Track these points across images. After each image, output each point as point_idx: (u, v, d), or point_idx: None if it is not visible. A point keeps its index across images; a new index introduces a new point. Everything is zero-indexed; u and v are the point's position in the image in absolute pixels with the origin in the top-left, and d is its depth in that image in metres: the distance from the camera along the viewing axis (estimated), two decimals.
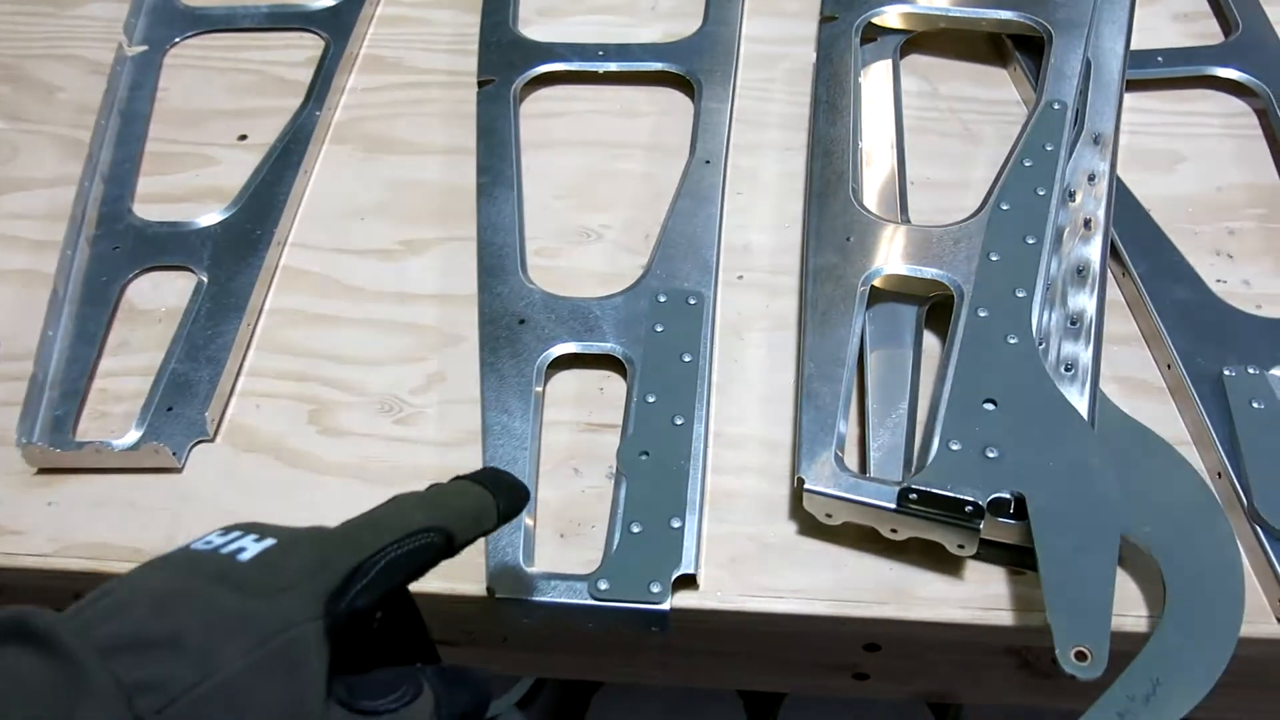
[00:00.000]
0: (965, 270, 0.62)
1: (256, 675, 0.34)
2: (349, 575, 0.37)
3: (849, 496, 0.53)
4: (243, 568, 0.36)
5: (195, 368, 0.65)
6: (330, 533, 0.40)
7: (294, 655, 0.35)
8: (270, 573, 0.36)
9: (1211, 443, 0.57)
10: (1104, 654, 0.46)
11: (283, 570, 0.36)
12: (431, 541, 0.40)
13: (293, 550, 0.38)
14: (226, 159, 0.78)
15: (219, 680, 0.33)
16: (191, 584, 0.35)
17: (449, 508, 0.42)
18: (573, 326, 0.64)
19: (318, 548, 0.38)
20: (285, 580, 0.36)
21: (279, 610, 0.35)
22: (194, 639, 0.33)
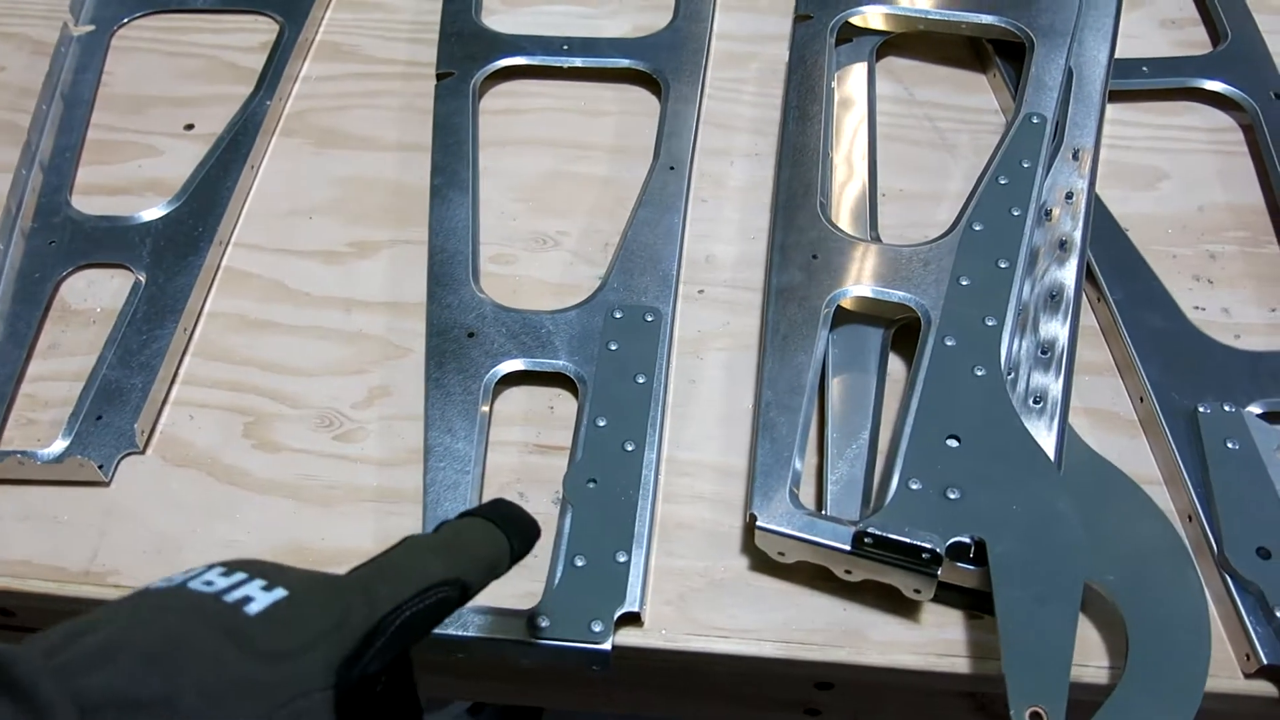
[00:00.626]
0: (934, 294, 0.59)
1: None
2: (366, 637, 0.34)
3: (802, 536, 0.51)
4: (251, 623, 0.33)
5: (128, 374, 0.62)
6: (343, 584, 0.36)
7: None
8: (281, 632, 0.33)
9: (1183, 483, 0.55)
10: (1060, 715, 0.44)
11: (295, 630, 0.33)
12: (447, 596, 0.38)
13: (305, 606, 0.34)
14: (171, 149, 0.75)
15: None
16: (194, 635, 0.32)
17: (466, 555, 0.39)
18: (524, 341, 0.61)
19: (332, 604, 0.35)
20: (297, 642, 0.33)
21: (288, 678, 0.32)
22: (190, 703, 0.30)
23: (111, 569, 0.56)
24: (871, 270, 0.61)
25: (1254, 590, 0.51)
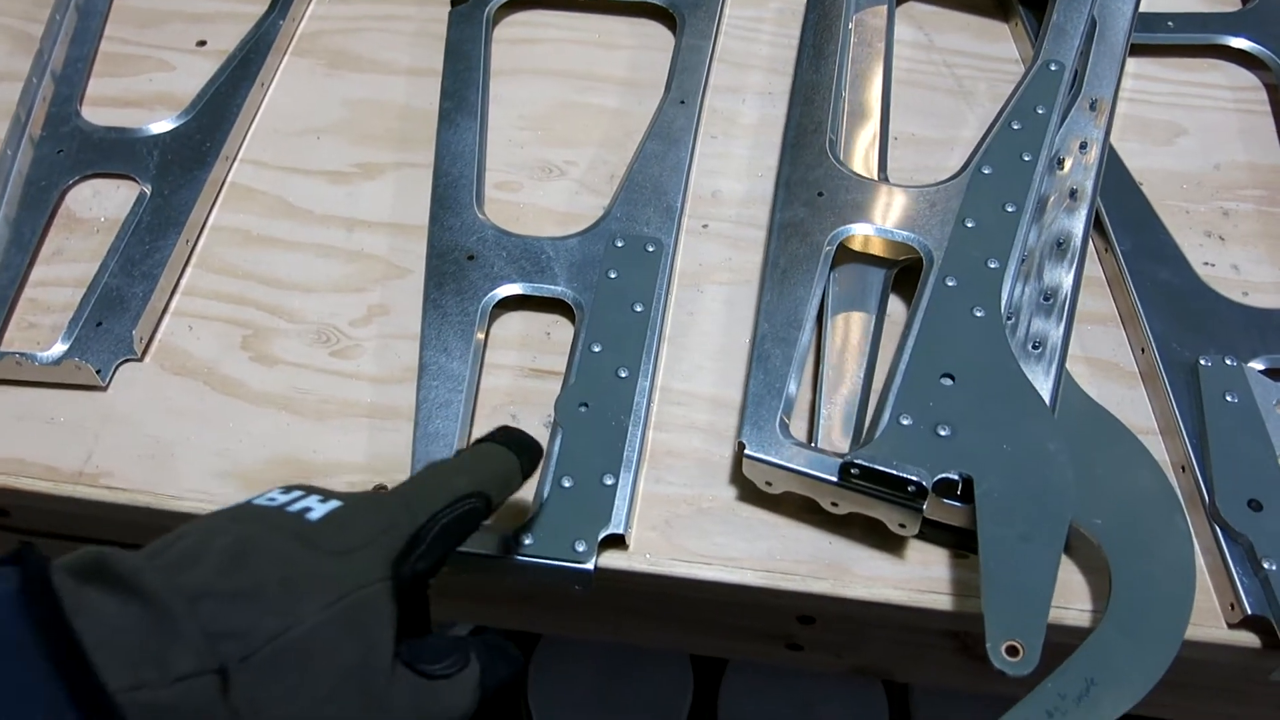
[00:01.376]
0: (938, 235, 0.58)
1: (331, 631, 0.34)
2: (411, 539, 0.39)
3: (790, 466, 0.51)
4: (315, 526, 0.37)
5: (129, 283, 0.62)
6: (384, 499, 0.40)
7: (365, 614, 0.36)
8: (341, 532, 0.37)
9: (1179, 434, 0.55)
10: (1036, 651, 0.44)
11: (352, 531, 0.38)
12: (475, 507, 0.42)
13: (359, 512, 0.39)
14: (182, 65, 0.75)
15: (298, 633, 0.34)
16: (267, 538, 0.36)
17: (485, 473, 0.43)
18: (523, 266, 0.61)
19: (378, 513, 0.39)
20: (355, 540, 0.37)
21: (351, 569, 0.36)
22: (274, 592, 0.34)
23: (105, 471, 0.56)
24: (877, 209, 0.60)
25: (1243, 541, 0.50)
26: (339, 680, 0.35)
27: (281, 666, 0.33)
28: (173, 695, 0.31)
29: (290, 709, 0.33)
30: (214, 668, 0.32)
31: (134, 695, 0.30)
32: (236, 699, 0.32)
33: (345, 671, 0.35)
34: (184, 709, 0.31)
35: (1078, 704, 0.45)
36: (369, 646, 0.36)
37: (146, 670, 0.31)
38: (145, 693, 0.30)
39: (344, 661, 0.35)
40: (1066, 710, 0.44)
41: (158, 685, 0.31)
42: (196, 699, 0.31)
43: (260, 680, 0.33)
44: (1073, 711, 0.44)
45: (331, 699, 0.34)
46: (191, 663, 0.31)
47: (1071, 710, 0.44)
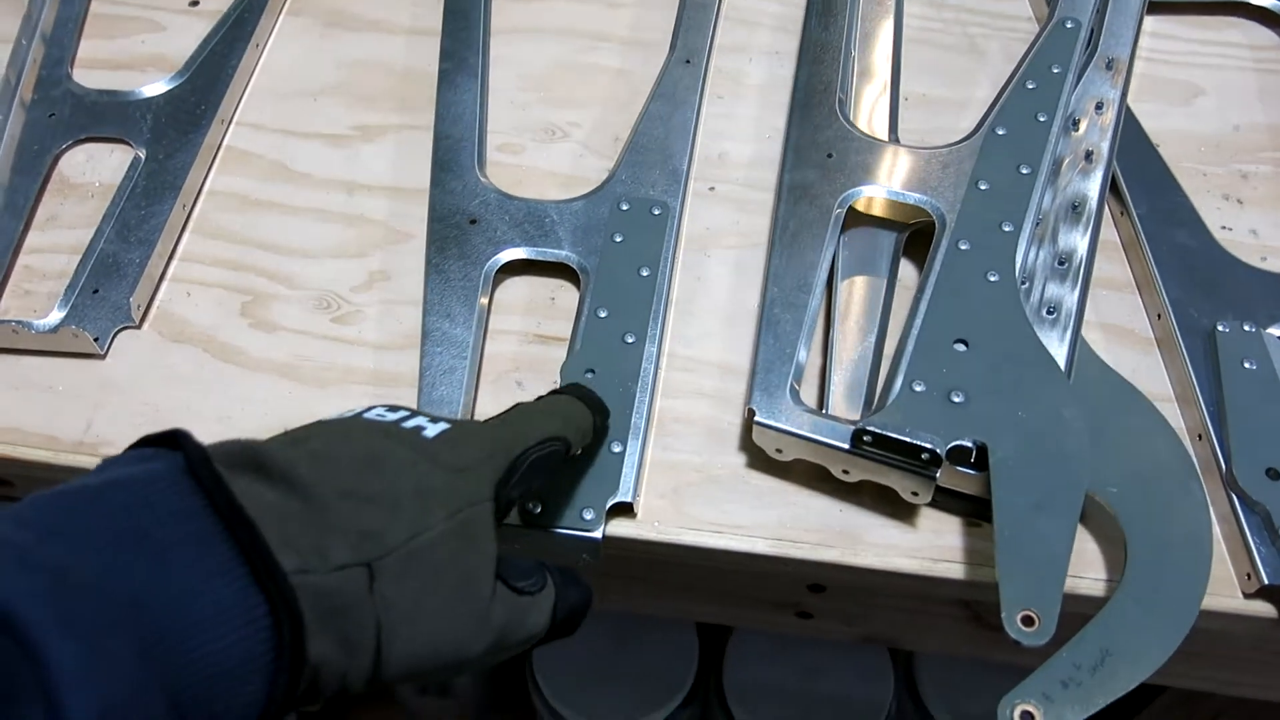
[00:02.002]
0: (951, 198, 0.57)
1: (452, 541, 0.37)
2: (511, 466, 0.41)
3: (800, 433, 0.50)
4: (432, 444, 0.39)
5: (126, 249, 0.61)
6: (487, 428, 0.43)
7: (475, 529, 0.38)
8: (455, 452, 0.39)
9: (1195, 401, 0.54)
10: (1052, 621, 0.43)
11: (464, 451, 0.40)
12: (557, 449, 0.44)
13: (466, 435, 0.41)
14: (175, 25, 0.73)
15: (424, 541, 0.36)
16: (394, 449, 0.38)
17: (567, 419, 0.46)
18: (526, 230, 0.60)
19: (482, 439, 0.41)
20: (468, 460, 0.39)
21: (466, 486, 0.38)
22: (406, 499, 0.36)
23: (105, 440, 0.55)
24: (888, 171, 0.59)
25: (1260, 510, 0.50)
26: (455, 588, 0.37)
27: (411, 569, 0.35)
28: (333, 582, 0.33)
29: (416, 611, 0.35)
30: (364, 561, 0.34)
31: (302, 578, 0.32)
32: (377, 594, 0.34)
33: (460, 580, 0.37)
34: (341, 595, 0.33)
35: (1093, 674, 0.44)
36: (479, 559, 0.38)
37: (311, 557, 0.33)
38: (311, 577, 0.32)
39: (460, 571, 0.37)
40: (1081, 680, 0.44)
41: (320, 571, 0.33)
42: (352, 588, 0.33)
43: (394, 580, 0.35)
44: (1088, 682, 0.44)
45: (448, 606, 0.36)
46: (346, 554, 0.34)
47: (1087, 681, 0.44)
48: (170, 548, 0.31)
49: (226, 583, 0.31)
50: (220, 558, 0.31)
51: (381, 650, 0.35)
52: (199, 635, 0.30)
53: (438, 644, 0.36)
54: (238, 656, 0.30)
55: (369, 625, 0.34)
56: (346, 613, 0.33)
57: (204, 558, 0.31)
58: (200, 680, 0.30)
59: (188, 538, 0.31)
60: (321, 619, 0.33)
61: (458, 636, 0.37)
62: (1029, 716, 0.43)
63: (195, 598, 0.30)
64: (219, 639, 0.30)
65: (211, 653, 0.30)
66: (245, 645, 0.31)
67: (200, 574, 0.31)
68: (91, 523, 0.31)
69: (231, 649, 0.30)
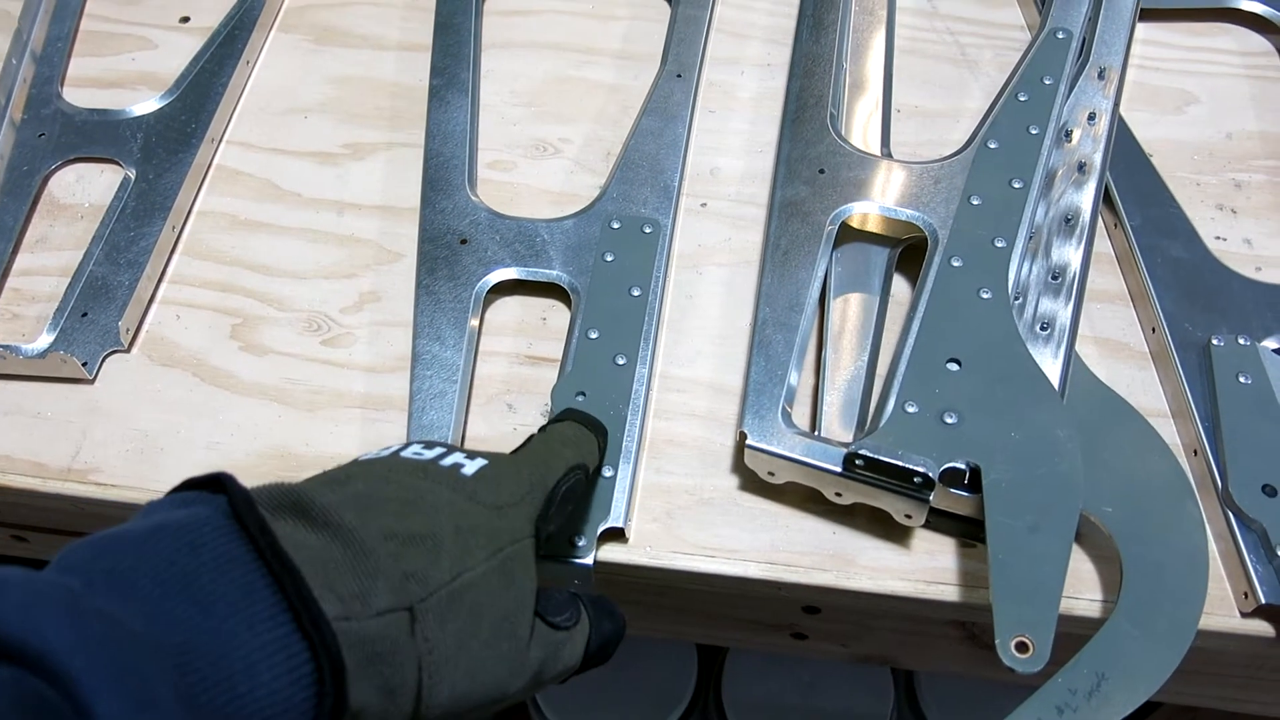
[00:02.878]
0: (943, 213, 0.57)
1: (491, 580, 0.37)
2: (547, 504, 0.41)
3: (793, 456, 0.49)
4: (471, 482, 0.39)
5: (115, 271, 0.61)
6: (521, 463, 0.42)
7: (516, 566, 0.38)
8: (494, 491, 0.40)
9: (1190, 416, 0.53)
10: (1047, 647, 0.43)
11: (503, 489, 0.40)
12: (580, 477, 0.45)
13: (503, 473, 0.41)
14: (166, 43, 0.73)
15: (465, 581, 0.36)
16: (434, 489, 0.38)
17: (580, 446, 0.46)
18: (517, 250, 0.60)
19: (520, 474, 0.41)
20: (507, 498, 0.40)
21: (507, 524, 0.39)
22: (448, 540, 0.36)
23: (93, 466, 0.55)
24: (880, 186, 0.58)
25: (1257, 528, 0.49)
26: (496, 628, 0.37)
27: (453, 609, 0.35)
28: (376, 627, 0.33)
29: (458, 651, 0.35)
30: (406, 605, 0.34)
31: (345, 625, 0.32)
32: (418, 635, 0.34)
33: (501, 619, 0.37)
34: (384, 641, 0.33)
35: (1089, 699, 0.44)
36: (520, 597, 0.38)
37: (352, 604, 0.33)
38: (354, 624, 0.32)
39: (501, 610, 0.37)
40: (1077, 706, 0.43)
41: (362, 617, 0.33)
42: (394, 633, 0.33)
43: (437, 623, 0.35)
44: (1084, 708, 0.43)
45: (489, 645, 0.37)
46: (389, 599, 0.34)
47: (1083, 706, 0.43)
48: (216, 595, 0.31)
49: (270, 628, 0.31)
50: (265, 604, 0.31)
51: (422, 694, 0.35)
52: (244, 683, 0.30)
53: (477, 684, 0.36)
54: (281, 704, 0.30)
55: (410, 669, 0.34)
56: (388, 659, 0.33)
57: (249, 605, 0.31)
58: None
59: (233, 585, 0.31)
60: (363, 665, 0.32)
61: (497, 676, 0.37)
62: None
63: (240, 645, 0.30)
64: (262, 686, 0.30)
65: (255, 699, 0.30)
66: (288, 692, 0.31)
67: (245, 621, 0.31)
68: (139, 569, 0.31)
69: (275, 695, 0.30)
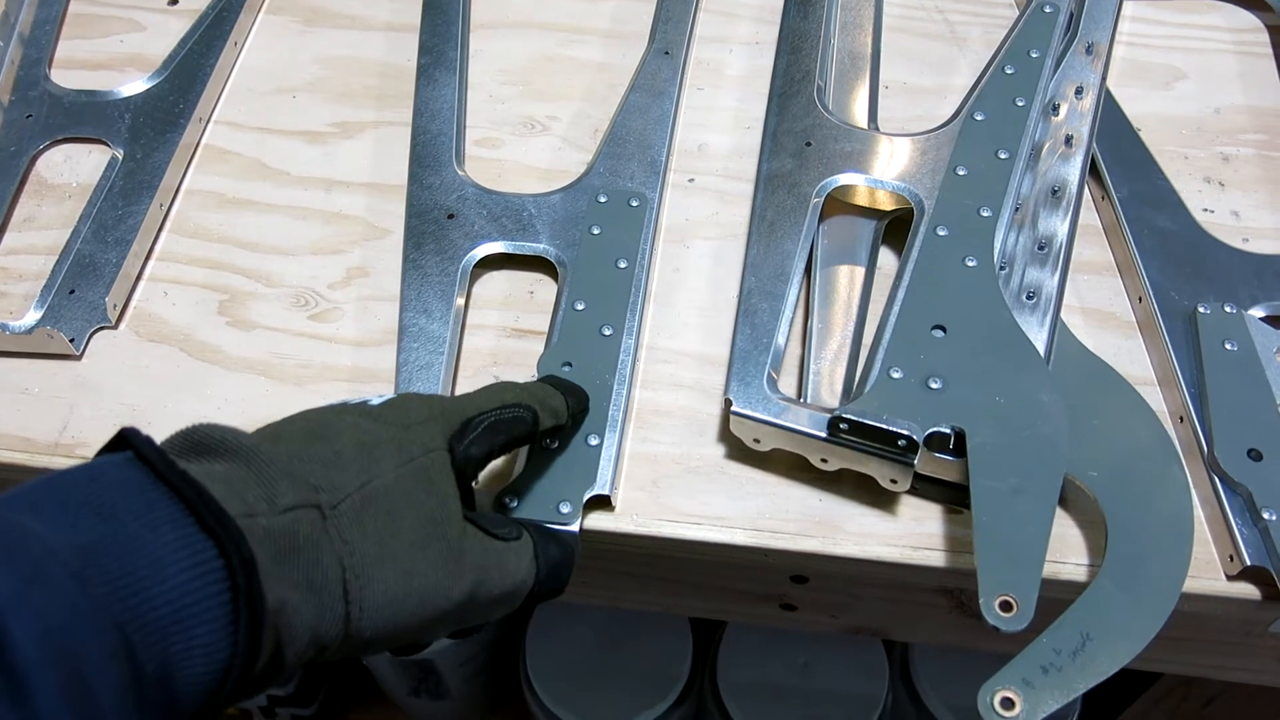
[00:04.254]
0: (929, 184, 0.57)
1: (405, 485, 0.38)
2: (464, 424, 0.43)
3: (778, 422, 0.49)
4: (377, 409, 0.42)
5: (102, 249, 0.61)
6: (435, 395, 0.45)
7: (432, 474, 0.40)
8: (401, 412, 0.42)
9: (1177, 384, 0.53)
10: (1030, 606, 0.43)
11: (410, 411, 0.42)
12: (521, 415, 0.45)
13: (412, 400, 0.43)
14: (154, 25, 0.73)
15: (376, 486, 0.38)
16: (337, 418, 0.40)
17: (532, 394, 0.47)
18: (504, 224, 0.60)
19: (430, 403, 0.43)
20: (414, 418, 0.41)
21: (415, 439, 0.40)
22: (352, 455, 0.38)
23: (80, 441, 0.55)
24: (866, 158, 0.59)
25: (1242, 492, 0.49)
26: (420, 526, 0.38)
27: (368, 511, 0.37)
28: (283, 522, 0.34)
29: (381, 550, 0.37)
30: (313, 503, 0.35)
31: (250, 521, 0.33)
32: (334, 535, 0.35)
33: (424, 520, 0.38)
34: (294, 536, 0.34)
35: (1073, 659, 0.44)
36: (441, 500, 0.39)
37: (257, 504, 0.34)
38: (260, 519, 0.33)
39: (423, 513, 0.38)
40: (1061, 666, 0.43)
41: (269, 514, 0.34)
42: (305, 529, 0.35)
43: (353, 524, 0.36)
44: (1068, 667, 0.43)
45: (418, 546, 0.38)
46: (294, 497, 0.35)
47: (1067, 665, 0.43)
48: (117, 509, 0.31)
49: (173, 529, 0.31)
50: (167, 510, 0.32)
51: (351, 593, 0.35)
52: (150, 577, 0.30)
53: (413, 585, 0.37)
54: (191, 597, 0.31)
55: (331, 567, 0.35)
56: (302, 552, 0.34)
57: (151, 513, 0.31)
58: (151, 619, 0.30)
59: (134, 499, 0.32)
60: (276, 559, 0.33)
61: (433, 579, 0.38)
62: (1009, 703, 0.42)
63: (144, 545, 0.31)
64: (169, 579, 0.30)
65: (160, 593, 0.30)
66: (198, 584, 0.31)
67: (147, 525, 0.31)
68: (40, 495, 0.31)
69: (183, 589, 0.31)
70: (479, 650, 1.05)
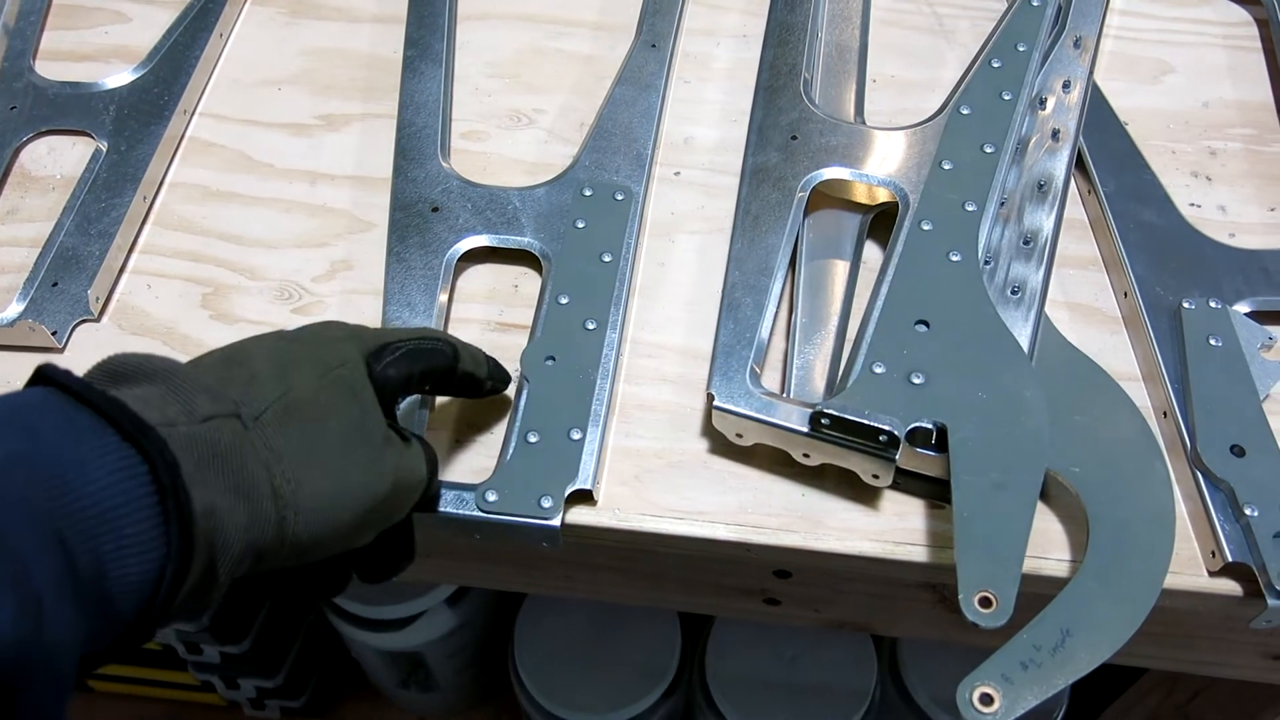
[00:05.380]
0: (914, 178, 0.56)
1: (328, 394, 0.40)
2: (380, 347, 0.44)
3: (760, 417, 0.49)
4: (294, 331, 0.43)
5: (85, 242, 0.61)
6: (356, 324, 0.46)
7: (352, 383, 0.41)
8: (316, 335, 0.43)
9: (1161, 380, 0.53)
10: (1010, 602, 0.43)
11: (326, 332, 0.44)
12: (441, 348, 0.46)
13: (332, 325, 0.45)
14: (139, 16, 0.72)
15: (297, 395, 0.39)
16: (254, 341, 0.41)
17: (451, 338, 0.48)
18: (489, 218, 0.59)
19: (351, 327, 0.45)
20: (330, 338, 0.43)
21: (331, 353, 0.42)
22: (269, 372, 0.39)
23: None
24: (852, 152, 0.58)
25: (1224, 488, 0.49)
26: (346, 432, 0.40)
27: (291, 419, 0.38)
28: (204, 431, 0.35)
29: (309, 456, 0.38)
30: (233, 412, 0.36)
31: (171, 430, 0.34)
32: (258, 444, 0.36)
33: (350, 426, 0.40)
34: (216, 443, 0.35)
35: (1053, 655, 0.44)
36: (362, 407, 0.41)
37: (177, 416, 0.34)
38: (180, 429, 0.34)
39: (346, 417, 0.40)
40: (1041, 662, 0.43)
41: (190, 423, 0.35)
42: (227, 436, 0.35)
43: (275, 432, 0.37)
44: (1048, 663, 0.43)
45: (346, 451, 0.39)
46: (213, 407, 0.36)
47: (1046, 661, 0.43)
48: (39, 425, 0.32)
49: (96, 438, 0.32)
50: (88, 423, 0.32)
51: (282, 497, 0.36)
52: (75, 479, 0.31)
53: (346, 487, 0.39)
54: (118, 499, 0.31)
55: (258, 472, 0.36)
56: (228, 458, 0.35)
57: (72, 424, 0.32)
58: (80, 517, 0.31)
59: (55, 417, 0.32)
60: (200, 465, 0.34)
61: (361, 479, 0.40)
62: (988, 699, 0.43)
63: (67, 452, 0.31)
64: (94, 482, 0.31)
65: (87, 494, 0.31)
66: (124, 486, 0.31)
67: (70, 436, 0.32)
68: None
69: (109, 490, 0.31)
70: (468, 642, 1.05)
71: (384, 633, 0.99)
